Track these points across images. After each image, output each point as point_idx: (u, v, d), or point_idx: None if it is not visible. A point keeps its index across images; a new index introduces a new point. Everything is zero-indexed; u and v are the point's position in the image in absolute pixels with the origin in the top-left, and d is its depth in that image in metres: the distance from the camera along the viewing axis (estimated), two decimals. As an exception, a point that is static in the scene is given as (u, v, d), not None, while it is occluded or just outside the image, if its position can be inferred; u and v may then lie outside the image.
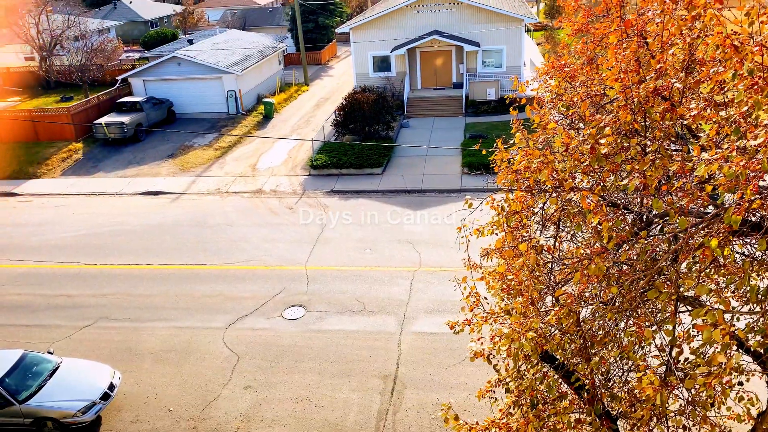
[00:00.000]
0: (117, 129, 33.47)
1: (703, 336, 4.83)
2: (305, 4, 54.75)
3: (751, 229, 5.64)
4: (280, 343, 16.09)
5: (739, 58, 5.15)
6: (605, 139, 5.90)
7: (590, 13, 8.10)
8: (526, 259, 6.66)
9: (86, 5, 74.39)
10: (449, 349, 15.18)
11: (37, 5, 46.92)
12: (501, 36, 36.20)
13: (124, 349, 16.19)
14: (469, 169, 26.41)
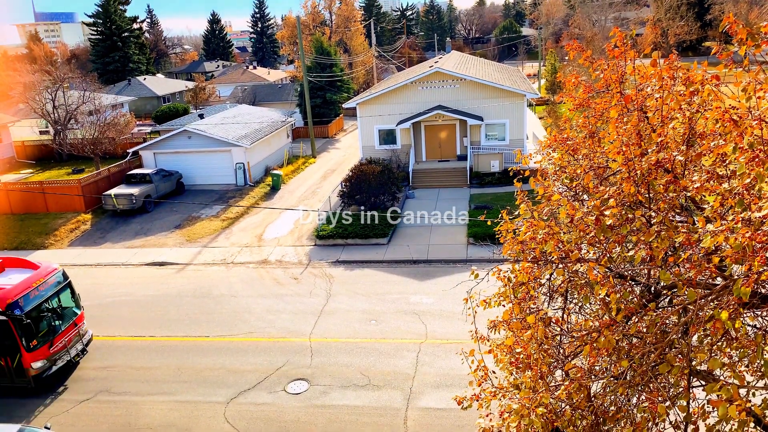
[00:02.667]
0: (126, 200, 33.93)
1: (719, 412, 4.69)
2: (313, 80, 56.55)
3: (762, 300, 5.58)
4: (282, 419, 15.66)
5: (738, 131, 5.25)
6: (610, 210, 5.94)
7: (590, 88, 8.32)
8: (535, 332, 6.57)
9: (102, 82, 77.14)
10: (457, 425, 14.71)
11: (54, 82, 48.68)
12: (504, 110, 37.08)
13: (123, 424, 15.76)
14: (475, 240, 26.45)
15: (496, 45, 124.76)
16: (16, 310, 16.37)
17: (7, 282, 17.24)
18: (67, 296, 18.64)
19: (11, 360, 16.73)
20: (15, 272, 18.02)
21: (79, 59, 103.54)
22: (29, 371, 16.78)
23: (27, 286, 17.17)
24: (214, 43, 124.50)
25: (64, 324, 18.07)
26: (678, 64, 6.76)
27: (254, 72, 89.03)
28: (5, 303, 16.36)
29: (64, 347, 17.77)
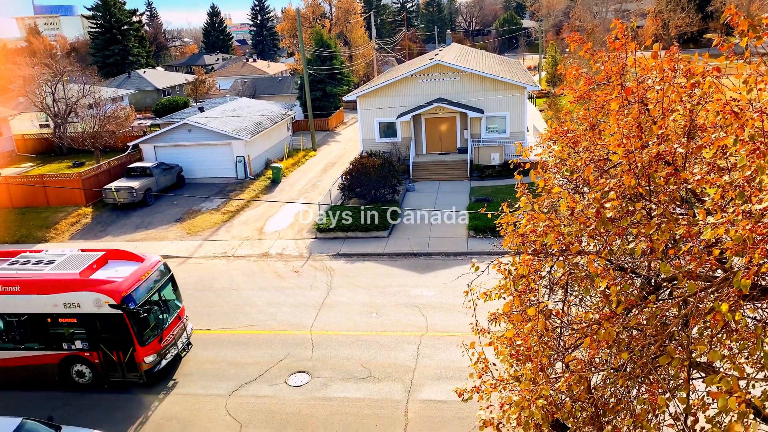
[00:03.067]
0: (126, 194, 33.93)
1: (719, 404, 4.71)
2: (313, 73, 56.41)
3: (762, 293, 5.59)
4: (284, 411, 15.72)
5: (739, 123, 5.24)
6: (610, 203, 5.94)
7: (591, 81, 8.30)
8: (535, 324, 6.58)
9: (101, 75, 76.96)
10: (458, 417, 14.77)
11: (54, 75, 48.59)
12: (504, 103, 37.01)
13: (125, 417, 15.83)
14: (475, 233, 26.46)
15: (497, 37, 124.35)
16: (130, 304, 15.95)
17: (116, 275, 16.80)
18: (170, 289, 18.22)
19: (124, 354, 16.43)
20: (119, 264, 17.61)
21: (78, 52, 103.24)
22: (142, 366, 16.45)
23: (137, 278, 16.74)
24: (214, 35, 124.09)
25: (170, 317, 17.70)
26: (679, 56, 6.74)
27: (254, 65, 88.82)
28: (120, 296, 15.92)
29: (172, 341, 17.47)
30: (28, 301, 16.43)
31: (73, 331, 16.58)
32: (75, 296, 16.15)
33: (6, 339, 17.10)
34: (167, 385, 17.14)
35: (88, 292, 16.10)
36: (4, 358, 17.08)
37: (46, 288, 16.36)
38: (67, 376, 17.05)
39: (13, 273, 16.99)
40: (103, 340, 16.47)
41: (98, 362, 16.72)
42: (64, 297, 16.20)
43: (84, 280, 16.42)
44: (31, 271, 16.95)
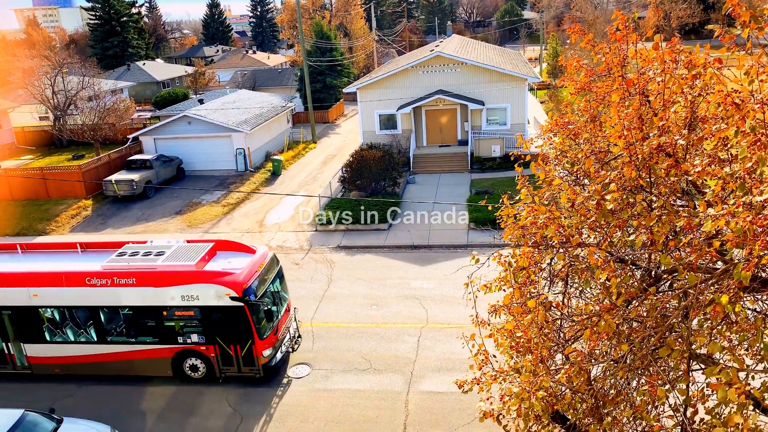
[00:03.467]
0: (126, 186, 33.93)
1: (718, 395, 4.72)
2: (313, 65, 56.25)
3: (762, 284, 5.59)
4: (285, 403, 15.77)
5: (740, 115, 5.22)
6: (611, 195, 5.93)
7: (592, 72, 8.28)
8: (535, 316, 6.59)
9: (101, 67, 76.76)
10: (458, 409, 14.82)
11: (53, 67, 48.47)
12: (505, 95, 36.92)
13: (126, 408, 15.89)
14: (476, 225, 26.46)
15: (498, 29, 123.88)
16: (250, 296, 15.43)
17: (231, 266, 16.27)
18: (278, 281, 17.64)
19: (241, 348, 15.97)
20: (230, 256, 17.08)
21: (77, 44, 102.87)
22: (260, 359, 16.01)
23: (254, 270, 16.16)
24: (214, 27, 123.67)
25: (281, 310, 17.32)
26: (680, 47, 6.72)
27: (254, 57, 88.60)
28: (241, 288, 15.38)
29: (284, 334, 17.14)
30: (144, 294, 15.91)
31: (189, 324, 16.11)
32: (194, 288, 15.60)
33: (119, 333, 16.70)
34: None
35: (207, 284, 15.56)
36: (116, 352, 16.67)
37: (164, 280, 15.78)
38: (179, 370, 16.64)
39: (125, 265, 16.34)
40: (220, 333, 15.96)
41: (214, 356, 16.22)
42: (182, 289, 15.65)
43: (203, 272, 15.90)
44: (145, 263, 16.35)
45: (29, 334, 16.86)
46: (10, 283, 16.51)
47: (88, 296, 16.18)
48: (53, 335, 16.88)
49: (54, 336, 16.88)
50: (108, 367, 16.89)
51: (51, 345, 16.88)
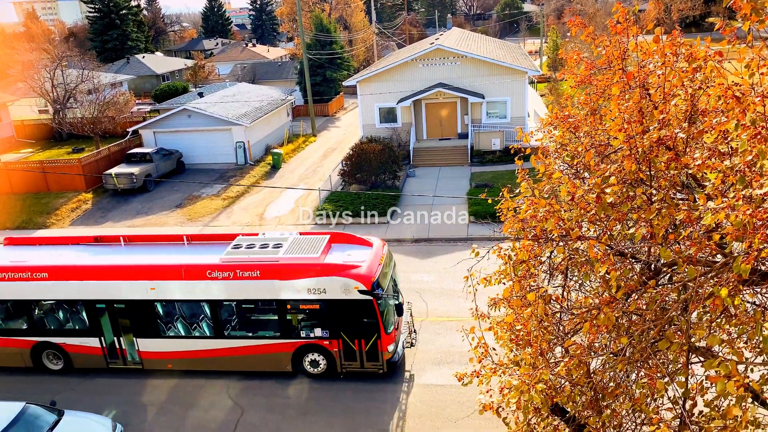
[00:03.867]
0: (126, 180, 33.91)
1: (717, 388, 4.74)
2: (313, 58, 56.10)
3: (761, 278, 5.60)
4: (285, 396, 15.82)
5: (741, 108, 5.21)
6: (611, 188, 5.93)
7: (592, 65, 8.26)
8: (535, 309, 6.60)
9: (100, 60, 76.59)
10: (457, 401, 14.87)
11: (53, 60, 48.34)
12: (505, 88, 36.84)
13: (127, 401, 15.95)
14: (476, 218, 26.47)
15: (498, 21, 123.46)
16: (378, 289, 14.93)
17: (352, 259, 15.68)
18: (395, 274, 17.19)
19: (366, 343, 15.48)
20: (349, 248, 16.47)
21: (77, 37, 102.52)
22: (384, 354, 15.52)
23: (377, 262, 15.60)
24: (213, 20, 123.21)
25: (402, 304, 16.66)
26: (681, 40, 6.70)
27: (253, 50, 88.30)
28: (370, 281, 14.87)
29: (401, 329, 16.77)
30: (268, 287, 15.43)
31: (313, 318, 15.67)
32: (321, 281, 15.10)
33: (238, 327, 16.39)
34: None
35: (335, 277, 15.04)
36: (234, 347, 16.27)
37: (289, 273, 15.28)
38: (298, 365, 16.22)
39: (246, 257, 15.82)
40: (345, 328, 15.47)
41: (337, 351, 15.74)
42: (308, 282, 15.17)
43: (330, 264, 15.37)
44: (266, 256, 15.81)
45: (143, 329, 16.44)
46: (127, 277, 16.08)
47: (209, 289, 15.73)
48: (169, 330, 16.48)
49: (169, 330, 16.48)
50: (224, 362, 16.45)
51: (165, 340, 16.46)
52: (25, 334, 17.05)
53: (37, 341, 17.04)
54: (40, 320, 16.98)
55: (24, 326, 17.04)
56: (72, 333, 16.93)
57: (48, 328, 16.98)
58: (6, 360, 17.42)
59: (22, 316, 17.03)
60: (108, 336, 16.80)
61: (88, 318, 16.66)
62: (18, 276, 16.42)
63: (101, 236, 18.76)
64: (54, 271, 16.36)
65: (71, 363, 17.15)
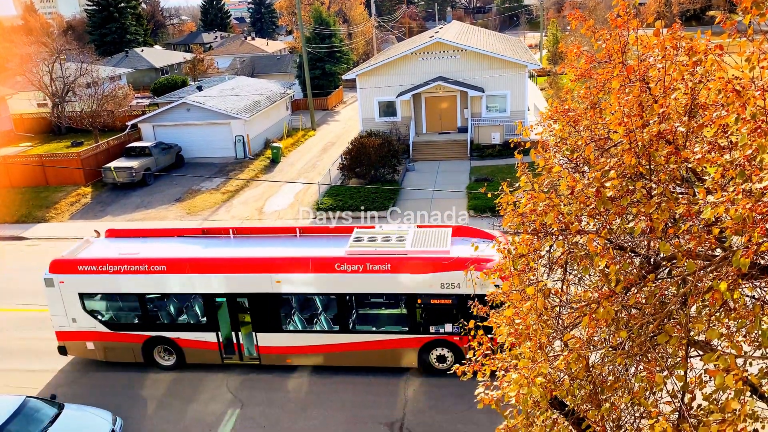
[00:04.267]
0: (125, 173, 33.88)
1: (716, 381, 4.75)
2: (312, 51, 55.95)
3: (761, 271, 5.60)
4: (285, 389, 15.87)
5: (741, 102, 5.20)
6: (610, 182, 5.92)
7: (592, 59, 8.23)
8: (534, 303, 6.61)
9: (99, 53, 76.31)
10: (457, 395, 14.90)
11: (51, 54, 48.19)
12: (505, 81, 36.78)
13: (127, 394, 15.98)
14: (475, 212, 26.47)
15: (498, 15, 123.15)
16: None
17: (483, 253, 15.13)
18: None
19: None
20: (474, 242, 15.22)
21: (75, 30, 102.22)
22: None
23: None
24: (212, 13, 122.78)
25: None
26: (681, 33, 6.68)
27: (253, 43, 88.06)
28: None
29: None
30: (399, 281, 15.04)
31: (443, 313, 15.21)
32: (454, 276, 14.62)
33: (365, 322, 16.18)
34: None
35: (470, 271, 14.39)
36: (358, 342, 15.89)
37: (421, 267, 14.88)
38: (424, 360, 15.86)
39: (373, 250, 15.36)
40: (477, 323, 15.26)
41: (467, 347, 15.60)
42: (441, 276, 14.72)
43: (463, 258, 14.52)
44: (393, 249, 15.42)
45: (264, 323, 16.06)
46: (251, 269, 15.60)
47: (337, 283, 15.31)
48: (290, 324, 16.18)
49: (291, 325, 16.18)
50: (346, 357, 16.12)
51: (287, 334, 16.11)
52: (137, 328, 16.64)
53: (150, 336, 16.62)
54: (153, 314, 16.58)
55: (137, 321, 16.64)
56: (187, 327, 16.51)
57: (162, 323, 16.58)
58: (116, 355, 17.01)
59: (135, 310, 16.61)
60: (226, 330, 16.45)
61: (206, 312, 16.28)
62: (134, 269, 15.91)
63: (208, 228, 18.26)
64: (173, 264, 15.85)
65: (184, 358, 16.75)
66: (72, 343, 17.02)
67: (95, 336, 16.80)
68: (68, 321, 16.69)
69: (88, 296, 16.52)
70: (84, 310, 16.57)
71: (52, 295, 16.45)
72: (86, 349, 17.04)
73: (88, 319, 16.64)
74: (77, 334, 16.82)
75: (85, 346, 16.96)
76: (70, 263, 16.32)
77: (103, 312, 16.88)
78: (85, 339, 16.87)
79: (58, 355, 17.74)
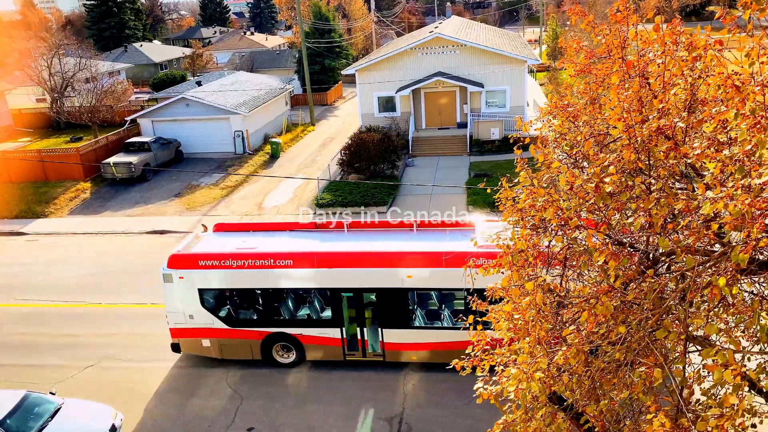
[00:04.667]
0: (125, 169, 33.84)
1: (714, 377, 4.76)
2: (312, 46, 55.83)
3: (759, 267, 5.61)
4: (284, 383, 15.89)
5: (740, 97, 5.20)
6: (610, 177, 5.92)
7: (592, 54, 8.23)
8: (533, 298, 6.62)
9: (98, 48, 76.20)
10: (456, 390, 14.93)
11: (50, 49, 48.07)
12: (504, 77, 36.72)
13: (126, 390, 16.00)
14: (475, 208, 26.46)
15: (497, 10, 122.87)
16: None
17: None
18: None
19: None
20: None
21: (74, 25, 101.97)
22: None
23: None
24: (211, 8, 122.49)
25: None
26: (681, 29, 6.67)
27: (252, 38, 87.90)
28: None
29: None
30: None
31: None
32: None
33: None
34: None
35: None
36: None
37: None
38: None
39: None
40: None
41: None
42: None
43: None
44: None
45: (391, 319, 15.55)
46: (381, 264, 15.11)
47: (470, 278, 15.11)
48: (417, 320, 15.79)
49: (418, 321, 15.78)
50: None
51: (414, 330, 15.64)
52: (257, 324, 16.21)
53: (271, 332, 16.17)
54: (275, 310, 16.11)
55: (257, 317, 16.23)
56: (310, 323, 16.16)
57: (283, 319, 16.10)
58: (232, 352, 16.58)
59: (256, 305, 16.26)
60: (350, 326, 16.05)
61: (332, 307, 15.85)
62: (259, 263, 15.42)
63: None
64: (301, 258, 15.42)
65: (304, 355, 16.34)
66: (187, 341, 16.52)
67: (212, 333, 16.30)
68: (185, 318, 16.20)
69: (208, 292, 16.06)
70: (202, 306, 16.08)
71: (170, 290, 15.94)
72: (201, 347, 16.55)
73: (206, 316, 16.15)
74: (193, 331, 16.34)
75: (201, 343, 16.46)
76: (191, 258, 15.80)
77: (223, 308, 16.40)
78: (201, 336, 16.36)
79: (58, 350, 17.75)
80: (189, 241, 16.81)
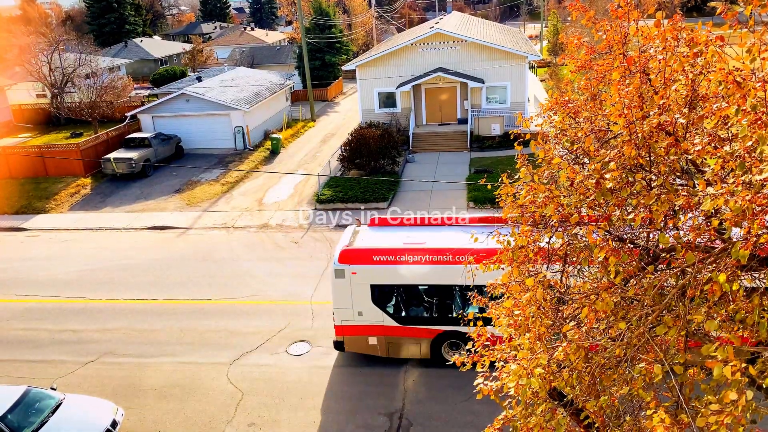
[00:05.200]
0: (125, 164, 33.84)
1: (714, 373, 4.77)
2: (312, 42, 55.74)
3: (759, 263, 5.61)
4: (284, 380, 15.92)
5: (741, 93, 5.19)
6: (610, 173, 5.91)
7: (593, 50, 8.20)
8: (533, 294, 6.62)
9: (98, 44, 76.02)
10: (456, 386, 14.96)
11: (50, 44, 48.01)
12: (505, 73, 36.66)
13: (127, 385, 16.04)
14: (475, 204, 26.46)
15: (498, 5, 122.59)
16: None
17: None
18: None
19: None
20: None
21: (74, 21, 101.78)
22: None
23: None
24: (211, 4, 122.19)
25: None
26: (682, 24, 6.65)
27: (252, 34, 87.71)
28: None
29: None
30: None
31: None
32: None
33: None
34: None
35: None
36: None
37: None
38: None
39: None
40: None
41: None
42: None
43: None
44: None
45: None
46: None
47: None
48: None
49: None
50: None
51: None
52: (430, 322, 15.60)
53: (443, 330, 15.54)
54: (449, 307, 15.49)
55: (430, 314, 15.66)
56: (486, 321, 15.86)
57: (456, 316, 15.21)
58: (399, 351, 15.99)
59: (431, 302, 15.67)
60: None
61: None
62: (437, 259, 14.82)
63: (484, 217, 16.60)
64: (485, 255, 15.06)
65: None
66: (352, 338, 15.95)
67: (381, 330, 15.75)
68: (353, 314, 15.66)
69: (381, 288, 15.52)
70: (373, 302, 15.54)
71: (341, 286, 15.43)
72: (367, 345, 15.98)
73: (376, 313, 15.62)
74: (361, 328, 15.79)
75: (367, 341, 15.92)
76: (364, 253, 15.29)
77: (394, 305, 15.86)
78: (368, 333, 15.83)
79: (58, 345, 17.79)
80: (350, 236, 16.18)
